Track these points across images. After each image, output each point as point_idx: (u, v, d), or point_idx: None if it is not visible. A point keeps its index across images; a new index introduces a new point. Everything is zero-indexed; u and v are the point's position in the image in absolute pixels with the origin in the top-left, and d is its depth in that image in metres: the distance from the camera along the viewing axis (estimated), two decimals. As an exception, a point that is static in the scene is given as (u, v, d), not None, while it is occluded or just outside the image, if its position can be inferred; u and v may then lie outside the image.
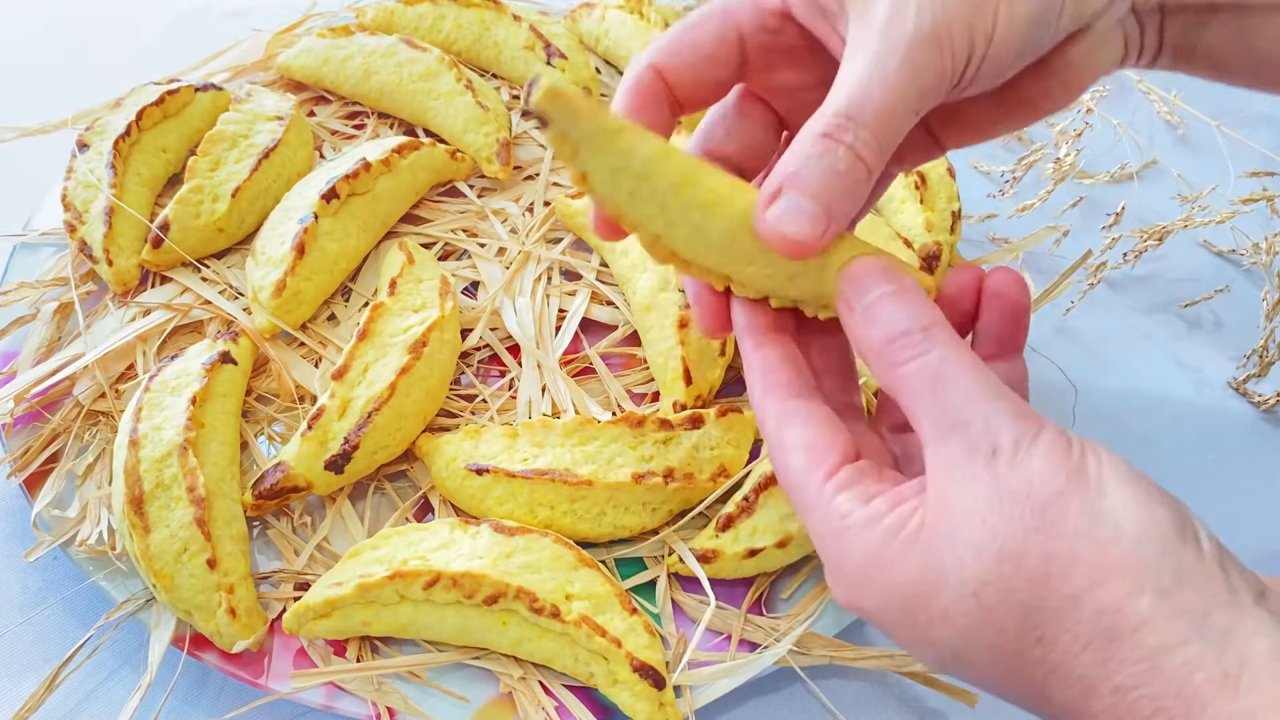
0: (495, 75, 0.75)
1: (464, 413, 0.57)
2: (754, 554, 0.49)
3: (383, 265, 0.60)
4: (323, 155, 0.69)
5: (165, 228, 0.59)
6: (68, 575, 0.52)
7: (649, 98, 0.37)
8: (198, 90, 0.67)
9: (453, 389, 0.57)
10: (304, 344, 0.58)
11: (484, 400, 0.57)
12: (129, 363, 0.57)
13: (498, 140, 0.67)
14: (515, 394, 0.57)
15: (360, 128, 0.71)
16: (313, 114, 0.71)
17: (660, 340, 0.56)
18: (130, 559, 0.48)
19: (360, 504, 0.53)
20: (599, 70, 0.76)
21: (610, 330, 0.61)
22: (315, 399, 0.55)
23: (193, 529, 0.47)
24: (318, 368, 0.57)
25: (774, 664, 0.47)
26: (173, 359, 0.54)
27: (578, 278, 0.63)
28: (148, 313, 0.58)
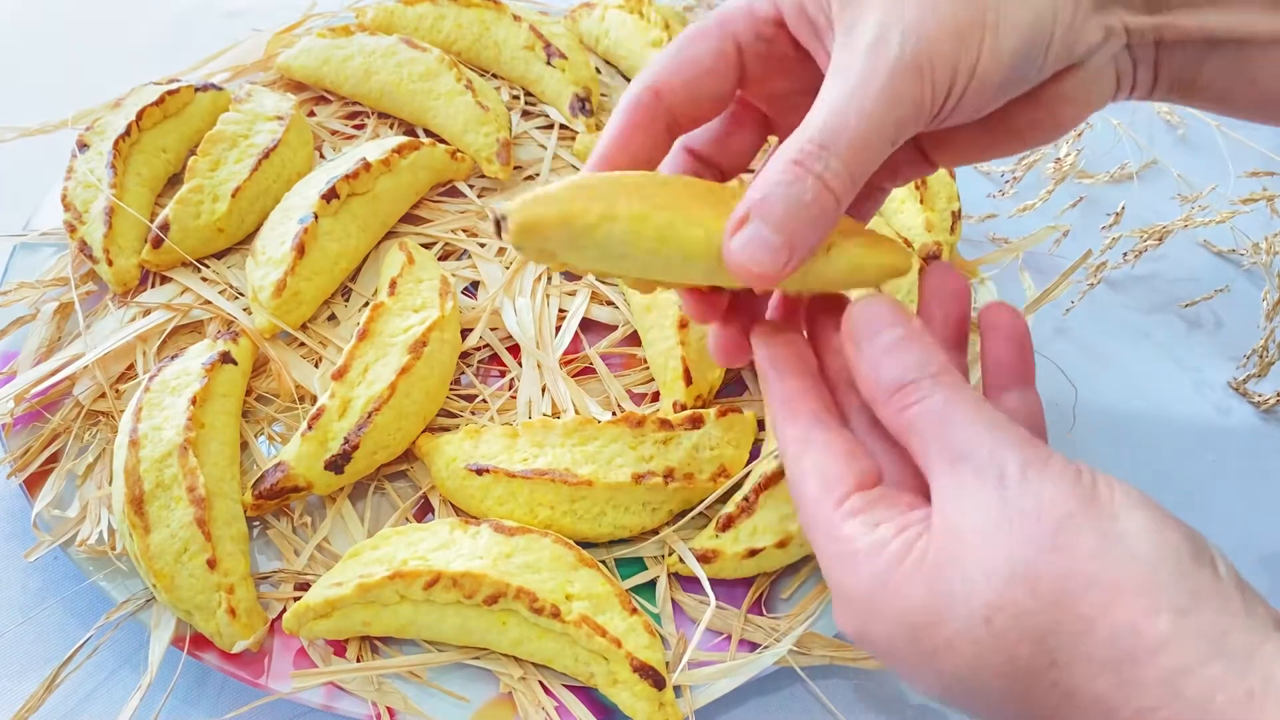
0: (495, 75, 0.75)
1: (464, 413, 0.57)
2: (754, 554, 0.49)
3: (383, 265, 0.60)
4: (323, 155, 0.69)
5: (165, 228, 0.59)
6: (68, 575, 0.52)
7: (644, 121, 0.37)
8: (198, 90, 0.67)
9: (453, 389, 0.57)
10: (304, 344, 0.58)
11: (484, 400, 0.57)
12: (129, 363, 0.57)
13: (498, 140, 0.67)
14: (515, 394, 0.57)
15: (360, 128, 0.71)
16: (313, 114, 0.71)
17: (660, 340, 0.56)
18: (130, 559, 0.48)
19: (360, 504, 0.53)
20: (599, 70, 0.76)
21: (610, 330, 0.61)
22: (315, 399, 0.55)
23: (193, 529, 0.47)
24: (318, 368, 0.57)
25: (774, 664, 0.47)
26: (173, 359, 0.54)
27: (578, 278, 0.63)
28: (148, 313, 0.58)
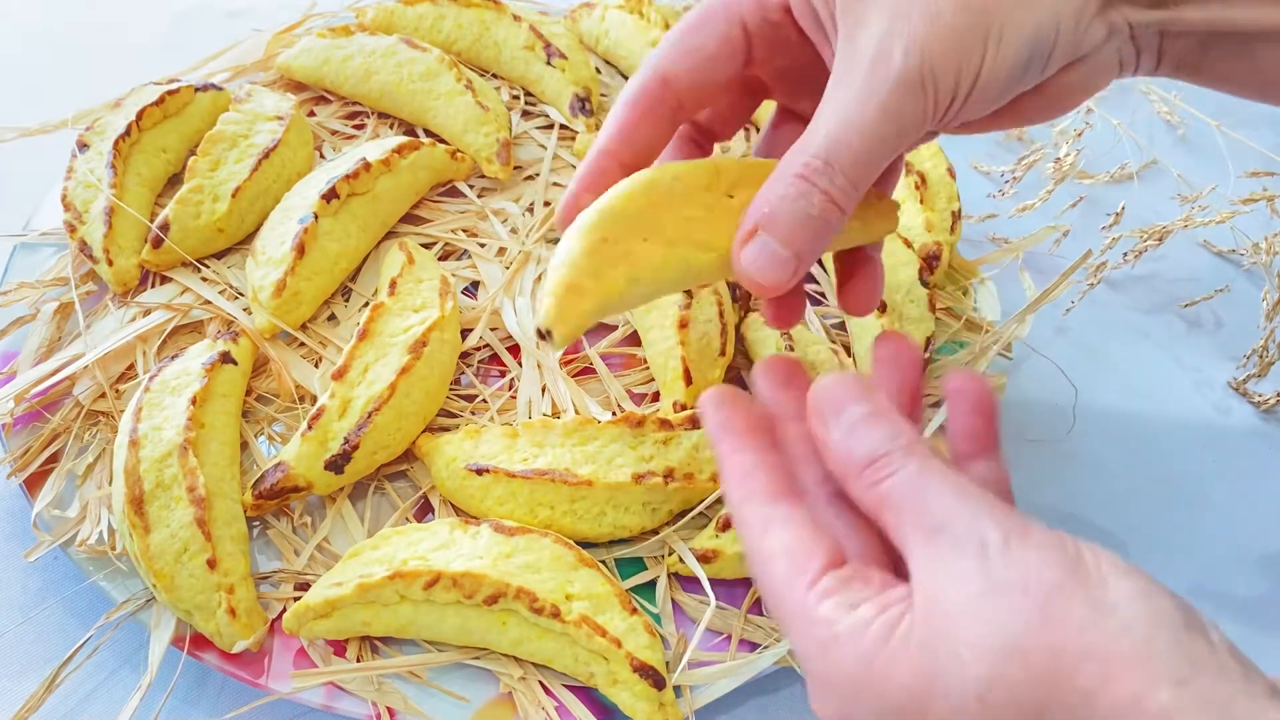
0: (495, 75, 0.75)
1: (464, 413, 0.57)
2: (754, 554, 0.49)
3: (383, 265, 0.60)
4: (323, 155, 0.69)
5: (165, 228, 0.59)
6: (68, 575, 0.52)
7: (650, 108, 0.37)
8: (198, 90, 0.66)
9: (453, 389, 0.57)
10: (304, 344, 0.58)
11: (484, 400, 0.57)
12: (129, 363, 0.57)
13: (498, 140, 0.67)
14: (515, 394, 0.57)
15: (360, 128, 0.71)
16: (313, 114, 0.71)
17: (660, 340, 0.56)
18: (130, 559, 0.48)
19: (360, 504, 0.53)
20: (599, 70, 0.76)
21: (610, 330, 0.61)
22: (315, 399, 0.55)
23: (193, 529, 0.47)
24: (318, 368, 0.57)
25: (774, 664, 0.47)
26: (173, 359, 0.54)
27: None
28: (148, 313, 0.58)
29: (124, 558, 0.49)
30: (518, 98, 0.73)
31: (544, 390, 0.57)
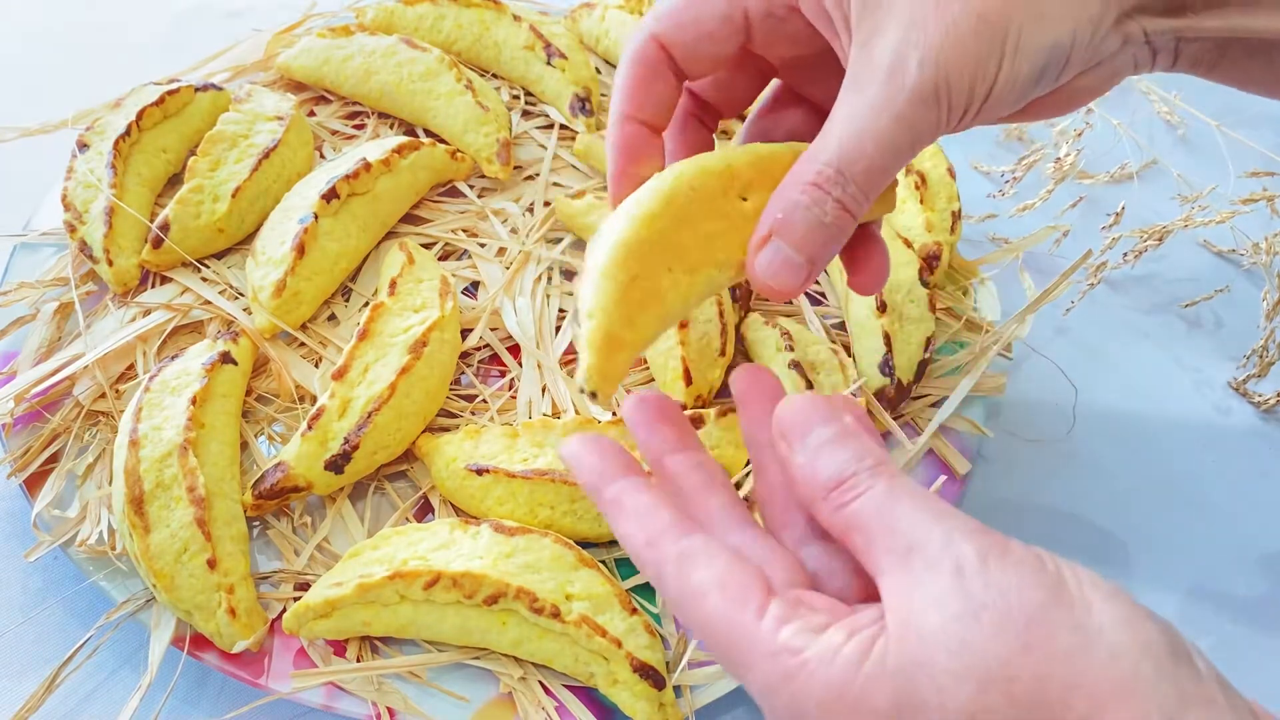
0: (495, 75, 0.75)
1: (464, 413, 0.57)
2: (754, 554, 0.49)
3: (383, 265, 0.60)
4: (323, 155, 0.69)
5: (165, 228, 0.59)
6: (68, 575, 0.52)
7: (652, 70, 0.37)
8: (198, 90, 0.66)
9: (453, 389, 0.57)
10: (304, 344, 0.58)
11: (484, 400, 0.57)
12: (129, 363, 0.57)
13: (498, 140, 0.67)
14: (515, 394, 0.57)
15: (360, 128, 0.71)
16: (313, 114, 0.71)
17: (660, 340, 0.56)
18: (130, 559, 0.48)
19: (360, 504, 0.53)
20: (599, 70, 0.76)
21: (610, 330, 0.61)
22: (315, 399, 0.55)
23: (193, 529, 0.47)
24: (318, 368, 0.57)
25: (774, 664, 0.47)
26: (173, 359, 0.54)
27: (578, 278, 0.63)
28: (148, 313, 0.58)
29: (124, 558, 0.49)
30: (518, 98, 0.73)
31: (544, 390, 0.57)
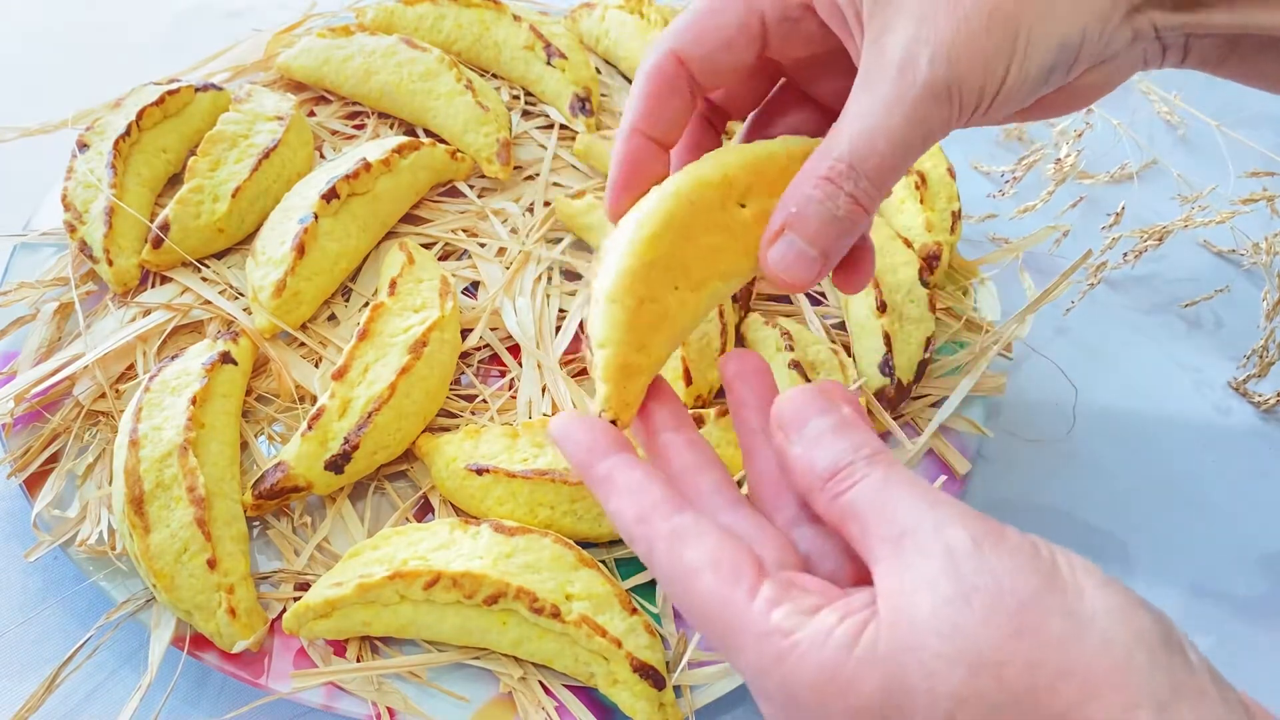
0: (495, 75, 0.75)
1: (464, 413, 0.57)
2: (754, 554, 0.49)
3: (383, 265, 0.60)
4: (323, 155, 0.69)
5: (165, 228, 0.59)
6: (68, 575, 0.52)
7: (668, 85, 0.37)
8: (198, 90, 0.66)
9: (453, 389, 0.57)
10: (304, 344, 0.58)
11: (484, 400, 0.57)
12: (129, 363, 0.57)
13: (498, 140, 0.67)
14: (515, 394, 0.57)
15: (360, 128, 0.71)
16: (313, 114, 0.71)
17: (660, 340, 0.56)
18: (130, 559, 0.48)
19: (360, 504, 0.53)
20: (599, 70, 0.76)
21: (610, 330, 0.61)
22: (315, 399, 0.55)
23: (193, 529, 0.47)
24: (318, 368, 0.57)
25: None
26: (173, 359, 0.54)
27: (578, 278, 0.63)
28: (148, 313, 0.58)
29: (124, 558, 0.49)
30: (518, 98, 0.73)
31: (544, 390, 0.57)
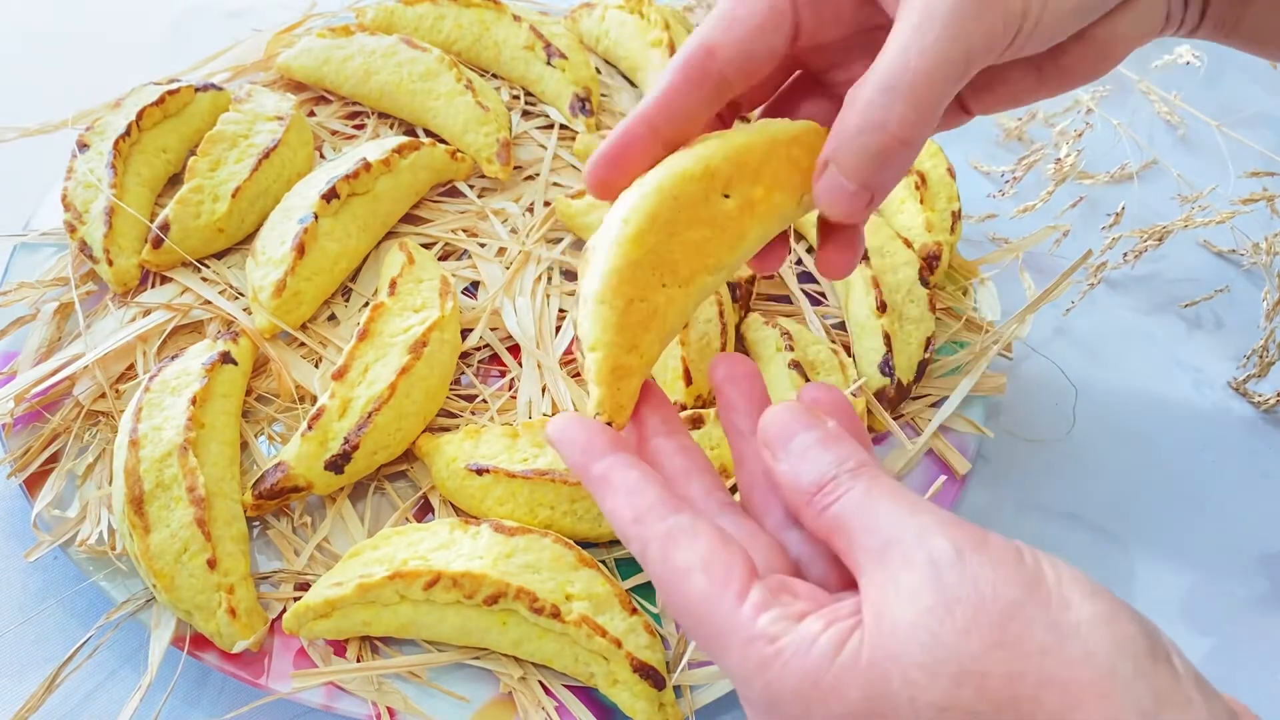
0: (495, 75, 0.75)
1: (464, 413, 0.57)
2: (754, 554, 0.49)
3: (383, 265, 0.60)
4: (323, 155, 0.69)
5: (165, 228, 0.59)
6: (68, 575, 0.52)
7: (695, 77, 0.36)
8: (198, 90, 0.66)
9: (453, 389, 0.57)
10: (304, 344, 0.58)
11: (484, 400, 0.57)
12: (129, 363, 0.57)
13: (498, 140, 0.67)
14: (515, 394, 0.57)
15: (360, 128, 0.71)
16: (313, 114, 0.71)
17: (660, 340, 0.56)
18: (130, 559, 0.48)
19: (360, 504, 0.53)
20: (599, 70, 0.76)
21: (610, 330, 0.61)
22: (315, 399, 0.55)
23: (193, 529, 0.47)
24: (318, 368, 0.57)
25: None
26: (173, 359, 0.54)
27: (578, 277, 0.63)
28: (148, 313, 0.58)
29: (124, 558, 0.49)
30: (518, 98, 0.73)
31: (544, 390, 0.57)
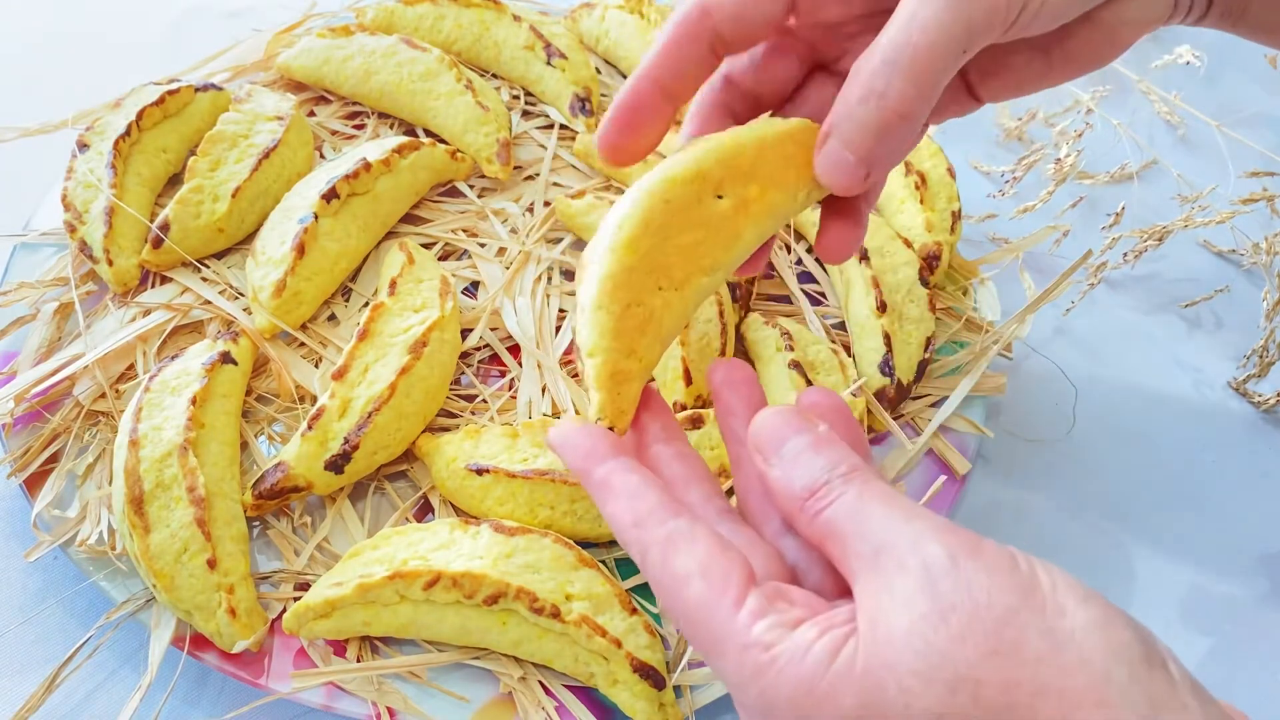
0: (495, 75, 0.75)
1: (464, 413, 0.57)
2: (754, 554, 0.49)
3: (383, 265, 0.60)
4: (323, 155, 0.69)
5: (165, 228, 0.59)
6: (68, 575, 0.52)
7: (691, 35, 0.36)
8: (198, 90, 0.66)
9: (453, 389, 0.57)
10: (304, 344, 0.58)
11: (484, 400, 0.57)
12: (129, 363, 0.57)
13: (498, 140, 0.67)
14: (515, 394, 0.57)
15: (360, 128, 0.71)
16: (313, 114, 0.71)
17: (660, 340, 0.56)
18: (130, 559, 0.48)
19: (360, 504, 0.53)
20: (599, 70, 0.76)
21: (610, 330, 0.61)
22: (315, 399, 0.55)
23: (193, 529, 0.47)
24: (318, 368, 0.57)
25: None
26: (173, 359, 0.54)
27: (578, 278, 0.63)
28: (148, 313, 0.58)
29: (124, 558, 0.49)
30: (518, 98, 0.73)
31: (544, 390, 0.57)
